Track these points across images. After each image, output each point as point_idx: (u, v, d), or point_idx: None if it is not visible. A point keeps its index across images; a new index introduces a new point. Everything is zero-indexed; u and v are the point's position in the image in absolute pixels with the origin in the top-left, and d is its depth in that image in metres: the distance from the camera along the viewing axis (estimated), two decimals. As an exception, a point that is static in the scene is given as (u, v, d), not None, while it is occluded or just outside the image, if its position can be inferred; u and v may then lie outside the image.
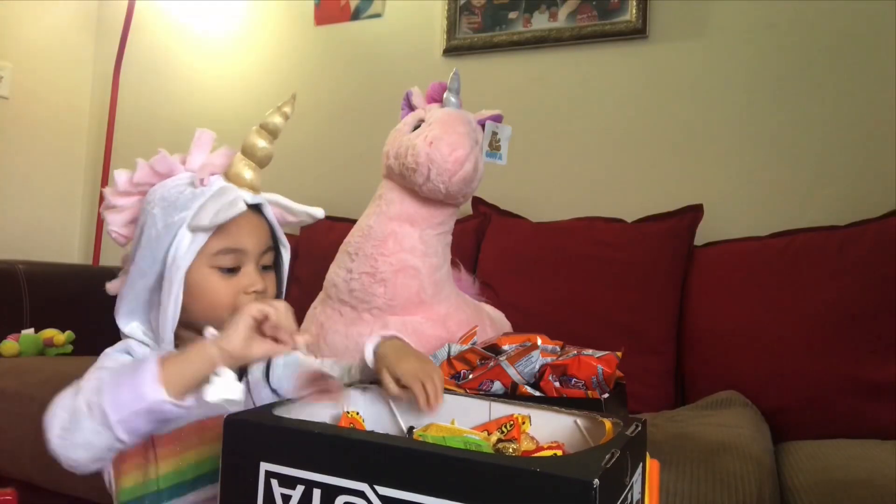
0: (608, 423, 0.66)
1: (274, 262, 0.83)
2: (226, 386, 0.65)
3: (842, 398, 1.31)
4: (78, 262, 2.57)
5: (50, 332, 1.82)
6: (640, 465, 0.63)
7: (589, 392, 0.98)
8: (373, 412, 0.77)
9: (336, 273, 1.30)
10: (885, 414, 1.26)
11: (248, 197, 0.77)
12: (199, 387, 0.65)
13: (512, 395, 0.98)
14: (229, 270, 0.77)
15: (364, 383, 0.80)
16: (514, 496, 0.49)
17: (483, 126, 1.30)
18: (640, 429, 0.64)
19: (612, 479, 0.51)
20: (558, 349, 1.09)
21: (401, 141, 1.26)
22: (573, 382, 1.01)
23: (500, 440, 0.69)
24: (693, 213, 1.64)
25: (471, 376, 1.03)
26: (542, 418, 0.73)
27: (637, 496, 0.60)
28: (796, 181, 1.69)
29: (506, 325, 1.44)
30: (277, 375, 0.82)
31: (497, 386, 1.01)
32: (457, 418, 0.76)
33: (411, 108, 1.36)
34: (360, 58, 2.22)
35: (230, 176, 0.78)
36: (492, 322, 1.39)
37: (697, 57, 1.80)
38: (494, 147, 1.31)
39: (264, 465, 0.57)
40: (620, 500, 0.54)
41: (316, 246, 1.81)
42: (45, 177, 2.50)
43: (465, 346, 1.11)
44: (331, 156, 2.24)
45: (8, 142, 2.35)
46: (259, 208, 0.80)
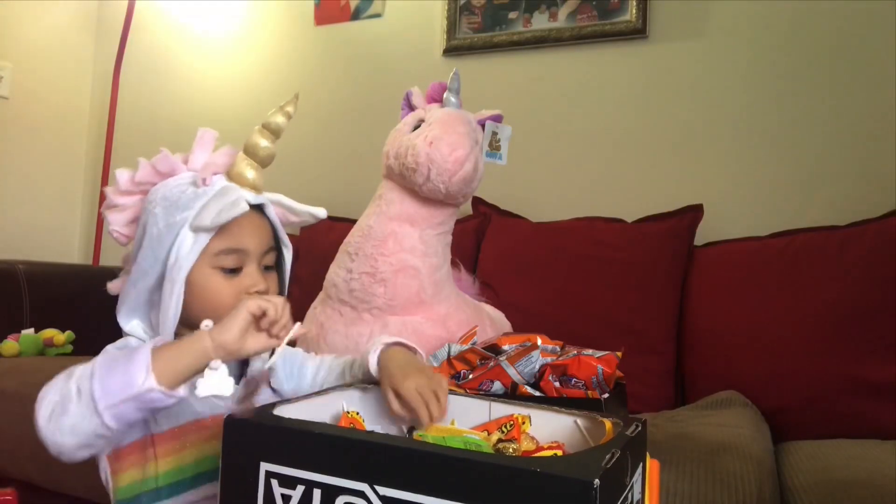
0: (608, 423, 0.66)
1: (276, 263, 0.83)
2: (218, 381, 0.66)
3: (842, 398, 1.31)
4: (78, 262, 2.57)
5: (50, 332, 1.82)
6: (641, 465, 0.63)
7: (589, 392, 0.98)
8: (373, 412, 0.77)
9: (336, 273, 1.30)
10: (885, 414, 1.26)
11: (251, 197, 0.77)
12: (191, 377, 0.65)
13: (512, 395, 0.98)
14: (231, 271, 0.77)
15: (364, 383, 0.80)
16: (515, 496, 0.49)
17: (483, 126, 1.30)
18: (640, 429, 0.64)
19: (613, 479, 0.51)
20: (558, 349, 1.09)
21: (401, 141, 1.26)
22: (573, 382, 1.01)
23: (500, 440, 0.69)
24: (693, 213, 1.64)
25: (471, 376, 1.03)
26: (542, 418, 0.73)
27: (637, 496, 0.60)
28: (796, 181, 1.69)
29: (506, 325, 1.44)
30: (278, 376, 0.82)
31: (497, 386, 1.01)
32: (457, 418, 0.76)
33: (411, 108, 1.36)
34: (360, 58, 2.21)
35: (232, 175, 0.78)
36: (492, 322, 1.39)
37: (697, 57, 1.80)
38: (494, 147, 1.31)
39: (264, 465, 0.57)
40: (620, 500, 0.53)
41: (316, 246, 1.81)
42: (45, 177, 2.50)
43: (465, 346, 1.11)
44: (331, 156, 2.24)
45: (8, 142, 2.35)
46: (261, 208, 0.80)
